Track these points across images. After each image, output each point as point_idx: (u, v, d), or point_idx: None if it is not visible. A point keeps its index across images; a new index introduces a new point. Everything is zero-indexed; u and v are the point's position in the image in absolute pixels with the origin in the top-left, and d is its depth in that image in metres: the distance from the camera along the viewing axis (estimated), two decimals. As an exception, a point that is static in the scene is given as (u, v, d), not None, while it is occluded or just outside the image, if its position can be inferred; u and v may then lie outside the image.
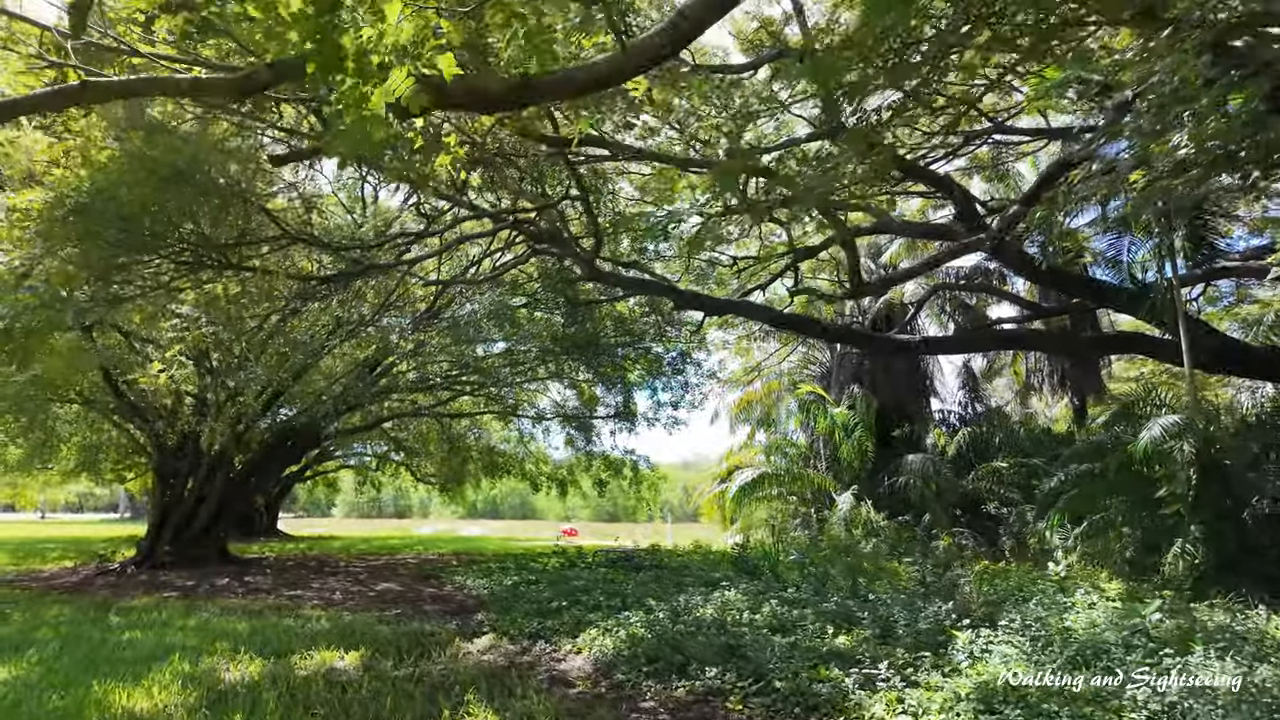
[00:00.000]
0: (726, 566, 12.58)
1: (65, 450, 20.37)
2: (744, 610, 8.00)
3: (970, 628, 6.47)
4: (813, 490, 20.28)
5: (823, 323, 14.43)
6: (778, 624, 7.23)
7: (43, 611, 8.89)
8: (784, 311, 14.55)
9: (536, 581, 11.65)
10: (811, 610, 7.90)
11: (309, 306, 10.57)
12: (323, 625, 8.06)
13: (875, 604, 7.91)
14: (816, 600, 8.59)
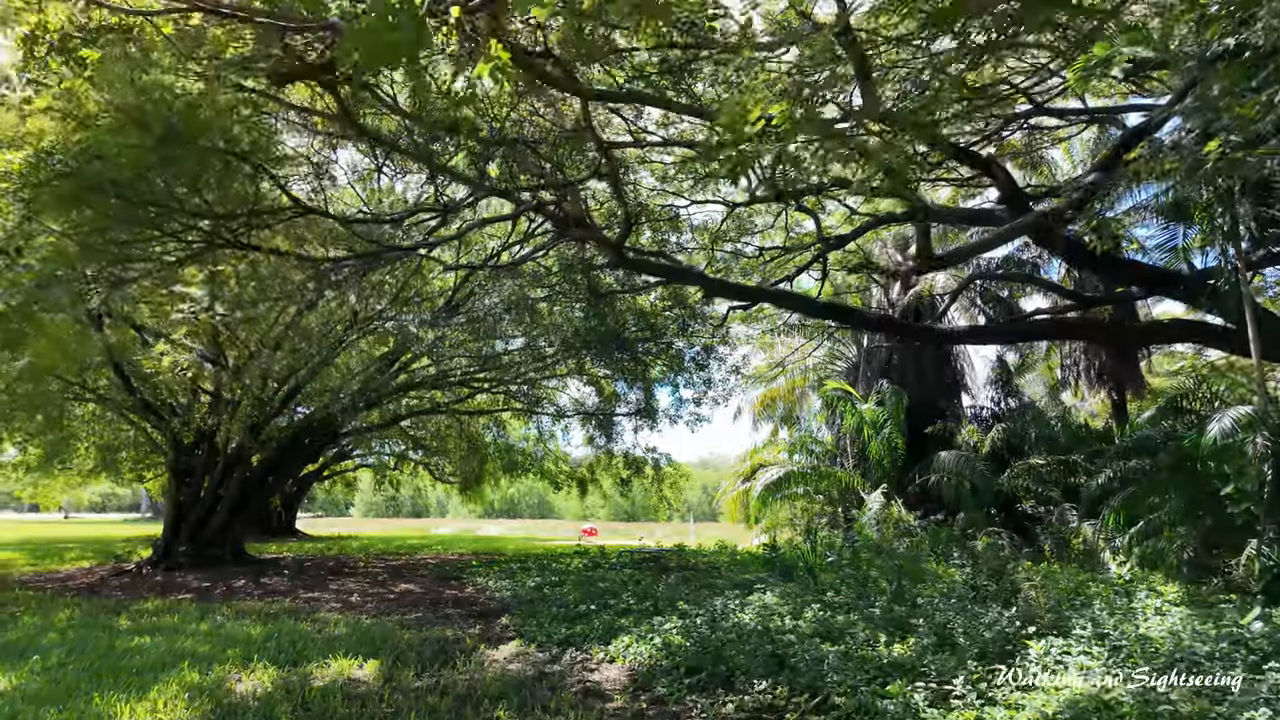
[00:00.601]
0: (758, 568, 12.08)
1: (83, 450, 20.23)
2: (785, 616, 7.52)
3: (1038, 636, 5.94)
4: (840, 489, 19.71)
5: (862, 312, 13.80)
6: (824, 631, 6.73)
7: (53, 614, 8.57)
8: (821, 300, 13.96)
9: (560, 583, 11.23)
10: (858, 616, 7.40)
11: (325, 298, 10.20)
12: (340, 630, 7.67)
13: (926, 609, 7.40)
14: (861, 605, 8.08)
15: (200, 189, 4.60)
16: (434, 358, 14.79)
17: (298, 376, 14.12)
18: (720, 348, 18.73)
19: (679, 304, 16.70)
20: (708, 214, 22.55)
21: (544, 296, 13.96)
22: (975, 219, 12.23)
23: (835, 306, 12.10)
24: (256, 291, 7.11)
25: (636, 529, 45.13)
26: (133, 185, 4.25)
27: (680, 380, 19.12)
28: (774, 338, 21.19)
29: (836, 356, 22.69)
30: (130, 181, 4.19)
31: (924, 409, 19.37)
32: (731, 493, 22.09)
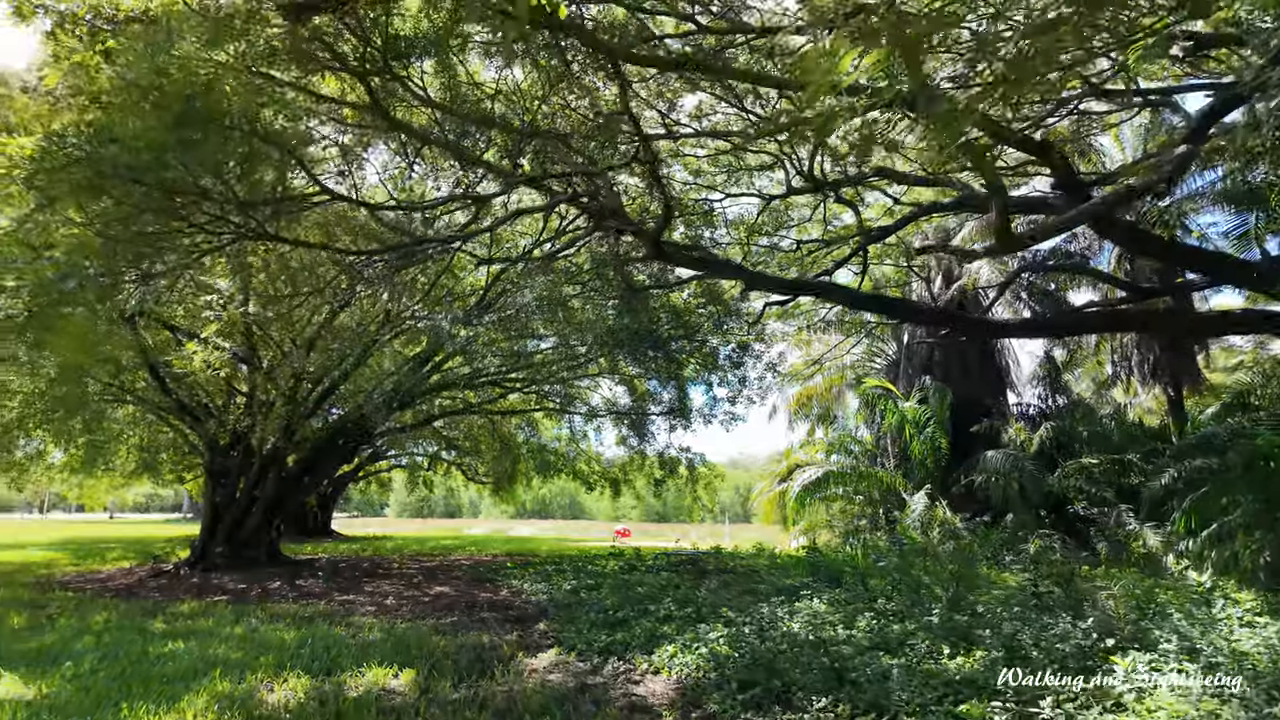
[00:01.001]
0: (800, 572, 11.66)
1: (123, 452, 20.52)
2: (838, 625, 7.12)
3: (1119, 650, 5.48)
4: (880, 490, 19.15)
5: (911, 303, 13.25)
6: (881, 642, 6.33)
7: (90, 616, 8.51)
8: (867, 292, 13.46)
9: (597, 586, 10.94)
10: (915, 625, 6.98)
11: (357, 296, 10.05)
12: (375, 635, 7.46)
13: (987, 618, 6.95)
14: (916, 613, 7.65)
15: (223, 175, 4.38)
16: (467, 356, 14.62)
17: (331, 377, 14.05)
18: (756, 345, 18.32)
19: (714, 300, 16.32)
20: (742, 208, 22.16)
21: (577, 293, 13.68)
22: (1028, 206, 11.66)
23: (882, 298, 11.61)
24: (287, 286, 6.92)
25: (669, 530, 44.79)
26: (151, 171, 4.04)
27: (714, 379, 18.72)
28: (810, 334, 20.68)
29: (875, 354, 22.12)
30: (148, 167, 3.98)
31: (967, 407, 18.75)
32: (768, 494, 21.64)
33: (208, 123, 3.88)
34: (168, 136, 3.73)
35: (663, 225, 7.21)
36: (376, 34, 7.71)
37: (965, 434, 18.62)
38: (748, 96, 12.96)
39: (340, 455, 16.48)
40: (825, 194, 14.09)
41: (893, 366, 21.25)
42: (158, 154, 3.84)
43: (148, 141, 3.74)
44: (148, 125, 3.67)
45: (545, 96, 10.21)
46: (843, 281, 19.82)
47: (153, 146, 3.78)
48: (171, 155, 3.89)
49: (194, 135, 3.84)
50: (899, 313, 12.38)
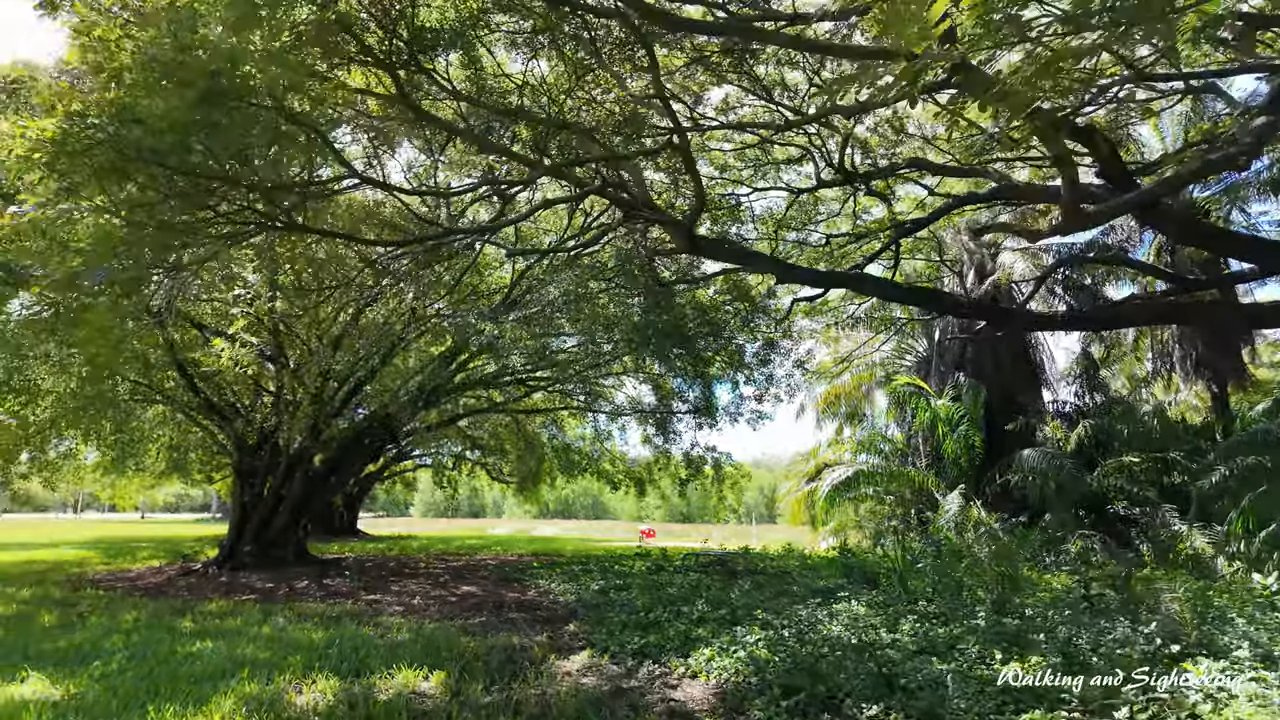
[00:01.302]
0: (834, 574, 11.38)
1: (153, 451, 20.72)
2: (880, 628, 6.85)
3: (1186, 656, 5.17)
4: (912, 490, 18.76)
5: (951, 296, 12.84)
6: (929, 646, 6.06)
7: (120, 615, 8.48)
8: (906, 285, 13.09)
9: (626, 587, 10.73)
10: (960, 628, 6.69)
11: (383, 292, 9.96)
12: (403, 636, 7.33)
13: (1039, 623, 6.64)
14: (960, 616, 7.36)
15: (248, 158, 4.24)
16: (492, 354, 14.50)
17: (357, 375, 14.02)
18: (783, 342, 18.03)
19: (740, 297, 16.08)
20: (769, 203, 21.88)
21: (602, 289, 13.50)
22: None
23: (921, 291, 11.23)
24: (313, 280, 6.79)
25: (693, 530, 44.49)
26: (175, 154, 3.90)
27: (740, 377, 18.45)
28: (839, 331, 20.34)
29: (905, 351, 21.70)
30: (171, 149, 3.84)
31: (1001, 405, 18.29)
32: (795, 494, 21.30)
33: (233, 102, 3.73)
34: (191, 116, 3.58)
35: (696, 214, 6.98)
36: (403, 25, 7.61)
37: (999, 432, 18.16)
38: (776, 88, 12.73)
39: (366, 455, 16.46)
40: (856, 186, 13.78)
41: (923, 364, 20.82)
42: (181, 136, 3.69)
43: (171, 122, 3.59)
44: (170, 105, 3.52)
45: (571, 89, 10.06)
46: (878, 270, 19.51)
47: (176, 127, 3.63)
48: (195, 137, 3.75)
49: (218, 116, 3.69)
50: (938, 305, 11.97)
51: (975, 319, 12.17)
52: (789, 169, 15.97)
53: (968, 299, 10.20)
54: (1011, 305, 19.31)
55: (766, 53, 11.85)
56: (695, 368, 16.80)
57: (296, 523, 14.55)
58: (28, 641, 6.91)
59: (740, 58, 11.39)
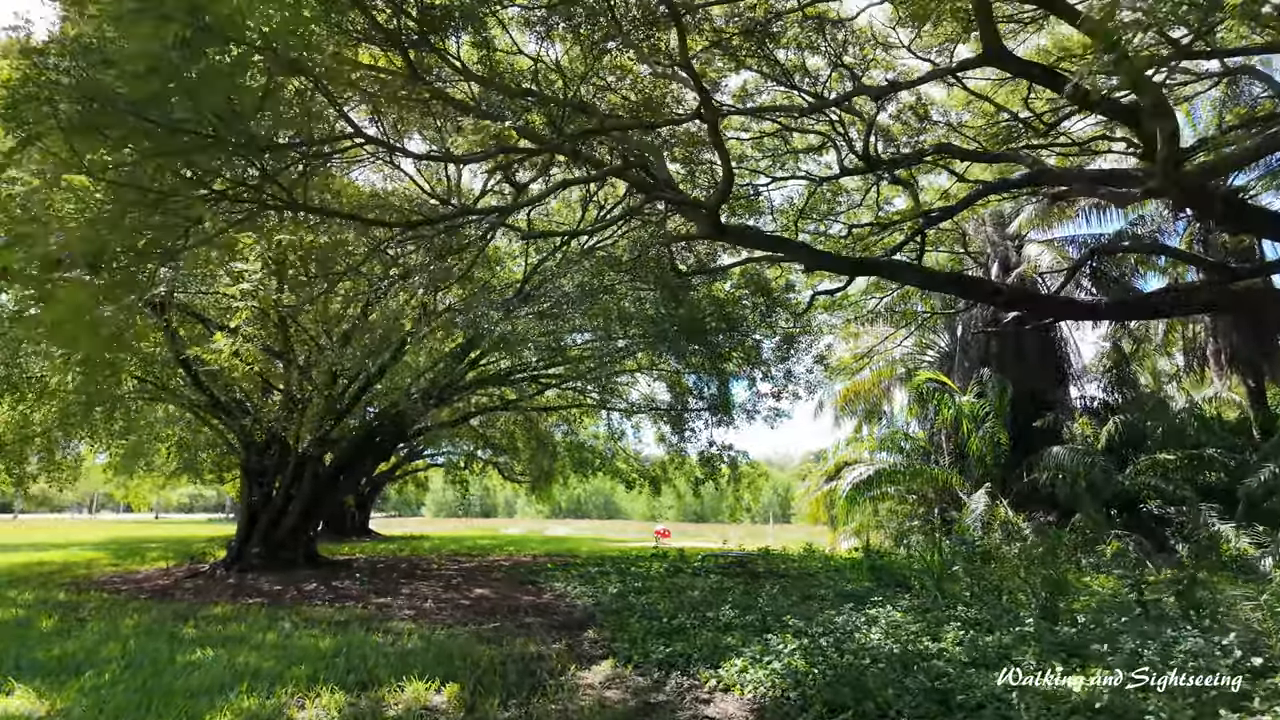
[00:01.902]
0: (862, 576, 10.92)
1: (163, 451, 20.49)
2: (922, 635, 6.41)
3: (1272, 670, 4.70)
4: (935, 489, 18.25)
5: (991, 283, 12.29)
6: (979, 657, 5.60)
7: (121, 619, 8.15)
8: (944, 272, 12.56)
9: (645, 590, 10.31)
10: (1009, 636, 6.23)
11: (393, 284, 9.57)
12: (414, 643, 6.94)
13: (1095, 631, 6.17)
14: (1006, 622, 6.90)
15: (236, 110, 3.84)
16: (505, 349, 14.12)
17: (367, 373, 13.67)
18: (802, 338, 17.56)
19: (759, 290, 15.62)
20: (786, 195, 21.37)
21: (620, 279, 13.07)
22: (1108, 180, 10.71)
23: (958, 278, 10.68)
24: (318, 267, 6.39)
25: (708, 530, 44.03)
26: (154, 105, 3.50)
27: (758, 374, 17.96)
28: (859, 327, 19.85)
29: (926, 346, 21.18)
30: (152, 99, 3.43)
31: (1027, 401, 17.76)
32: (814, 493, 20.81)
33: (218, 40, 3.28)
34: (169, 58, 3.16)
35: (724, 194, 6.55)
36: (411, 3, 7.23)
37: (1025, 429, 17.63)
38: (796, 73, 12.29)
39: (377, 454, 16.13)
40: (880, 175, 13.32)
41: (946, 359, 20.30)
42: (161, 81, 3.28)
43: (147, 65, 3.17)
44: (144, 43, 3.10)
45: (587, 74, 9.65)
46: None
47: (150, 66, 3.20)
48: (176, 85, 3.34)
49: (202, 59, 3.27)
50: (973, 293, 11.39)
51: (1012, 307, 11.64)
52: (808, 159, 15.51)
53: (1005, 286, 9.65)
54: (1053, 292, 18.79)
55: (787, 36, 11.43)
56: (712, 364, 16.37)
57: (306, 524, 14.22)
58: (21, 649, 6.57)
59: (760, 40, 10.98)
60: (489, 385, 16.65)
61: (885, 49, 13.00)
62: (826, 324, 18.36)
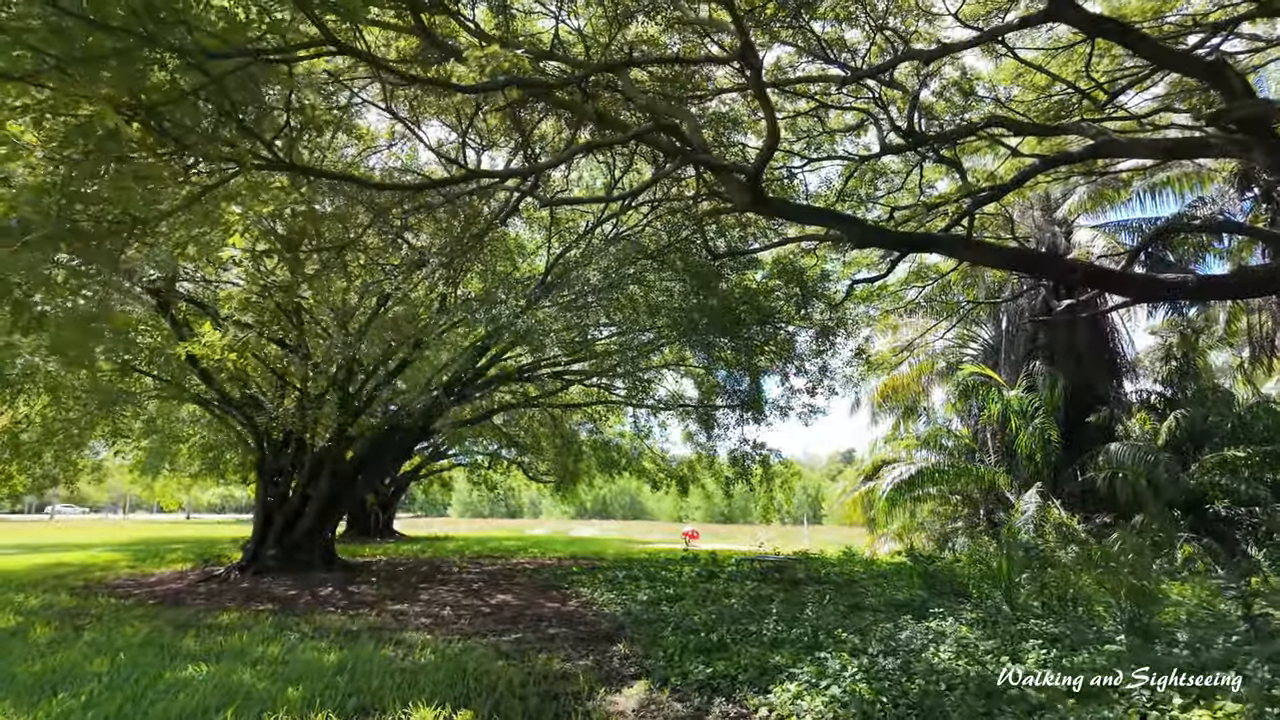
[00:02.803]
0: (912, 583, 10.09)
1: (184, 451, 20.23)
2: (998, 654, 5.61)
3: None
4: (981, 488, 17.28)
5: (1066, 261, 11.25)
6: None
7: (120, 629, 7.65)
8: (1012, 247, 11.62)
9: (677, 597, 9.61)
10: (1102, 657, 5.41)
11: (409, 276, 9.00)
12: (427, 658, 6.31)
13: (1203, 651, 5.34)
14: (1090, 639, 6.07)
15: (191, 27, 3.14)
16: (527, 344, 13.50)
17: (386, 368, 13.15)
18: (839, 330, 16.69)
19: (793, 280, 14.82)
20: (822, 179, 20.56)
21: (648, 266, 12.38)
22: (1178, 150, 9.71)
23: (1029, 254, 9.67)
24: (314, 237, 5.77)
25: (737, 531, 43.17)
26: (113, 34, 2.79)
27: (791, 368, 17.12)
28: (899, 318, 18.91)
29: (969, 338, 20.17)
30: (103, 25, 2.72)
31: (1078, 395, 16.72)
32: (851, 493, 19.92)
33: None
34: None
35: (767, 154, 5.80)
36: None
37: (1077, 425, 16.61)
38: (834, 46, 11.54)
39: (396, 452, 15.59)
40: (924, 153, 12.48)
41: (990, 353, 19.29)
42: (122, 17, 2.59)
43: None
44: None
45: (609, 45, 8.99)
46: (934, 258, 18.02)
47: None
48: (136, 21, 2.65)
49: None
50: (1048, 270, 10.28)
51: (1091, 285, 10.67)
52: (845, 139, 14.70)
53: (1079, 263, 8.70)
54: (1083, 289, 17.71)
55: (824, 6, 10.69)
56: (746, 358, 15.60)
57: (323, 524, 13.73)
58: (4, 662, 6.05)
59: (795, 11, 10.23)
60: (511, 381, 16.05)
61: (929, 19, 12.18)
62: (864, 315, 17.45)
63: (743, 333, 14.41)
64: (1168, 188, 17.22)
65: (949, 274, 17.44)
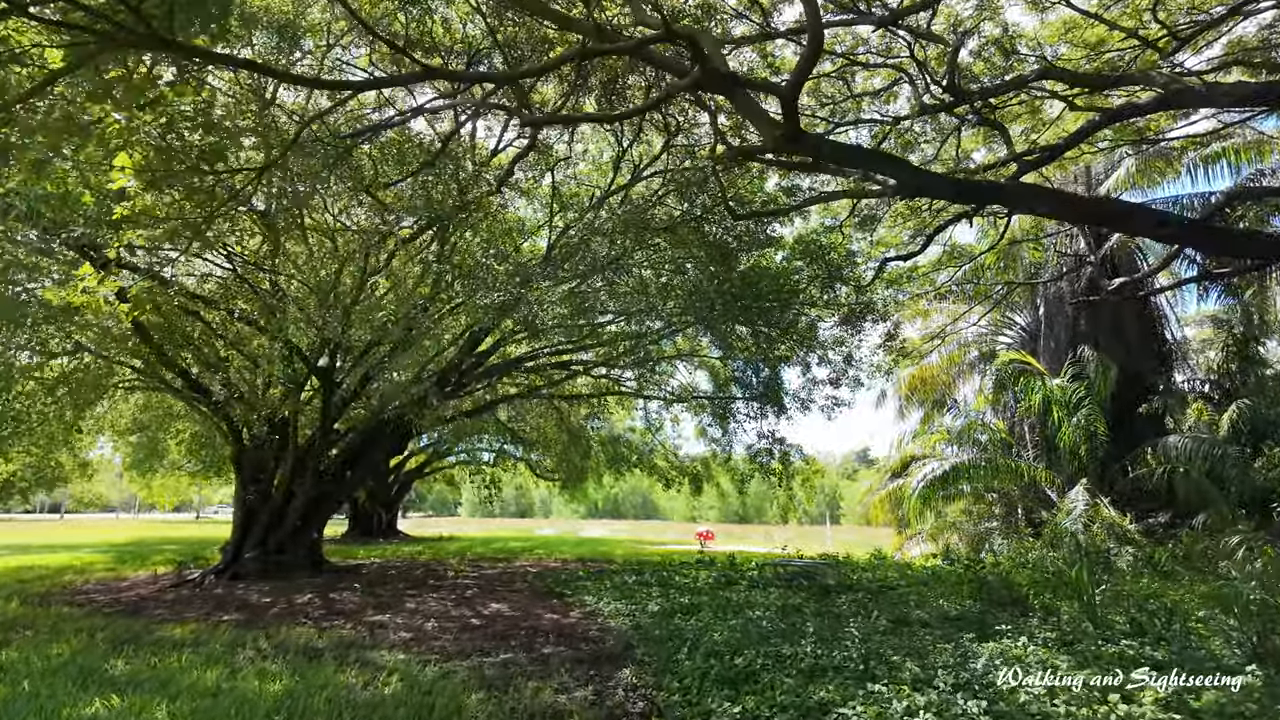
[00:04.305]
0: (961, 592, 8.88)
1: (174, 447, 19.30)
2: (1104, 691, 4.42)
3: None
4: (1020, 485, 16.00)
5: (1157, 212, 9.73)
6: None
7: (49, 646, 6.60)
8: (1088, 196, 10.26)
9: (694, 608, 8.45)
10: (1246, 697, 4.22)
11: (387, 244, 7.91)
12: (392, 687, 5.21)
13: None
14: (1210, 667, 4.87)
15: None
16: (528, 331, 12.39)
17: (376, 354, 12.08)
18: (866, 315, 15.45)
19: (818, 258, 13.62)
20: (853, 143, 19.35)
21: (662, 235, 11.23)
22: (1268, 94, 8.39)
23: (1115, 205, 8.12)
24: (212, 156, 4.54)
25: (751, 531, 41.88)
26: None
27: (813, 358, 15.90)
28: (929, 304, 17.67)
29: (1004, 325, 18.87)
30: None
31: (1127, 384, 15.40)
32: (878, 492, 18.67)
33: None
34: None
35: (806, 69, 4.62)
36: None
37: (1126, 417, 15.30)
38: None
39: (388, 445, 14.46)
40: (965, 114, 11.27)
41: (1027, 340, 17.99)
42: None
43: None
44: None
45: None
46: (967, 239, 16.79)
47: None
48: None
49: None
50: (1131, 225, 8.58)
51: (1189, 244, 9.36)
52: (873, 106, 13.52)
53: (1174, 216, 7.27)
54: (1130, 270, 16.39)
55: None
56: (766, 346, 14.40)
57: (309, 524, 12.68)
58: (-120, 693, 5.01)
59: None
60: (513, 371, 14.94)
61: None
62: (892, 300, 16.23)
63: (761, 318, 13.21)
64: (1222, 160, 15.81)
65: (983, 255, 16.19)
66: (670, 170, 12.38)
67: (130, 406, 16.77)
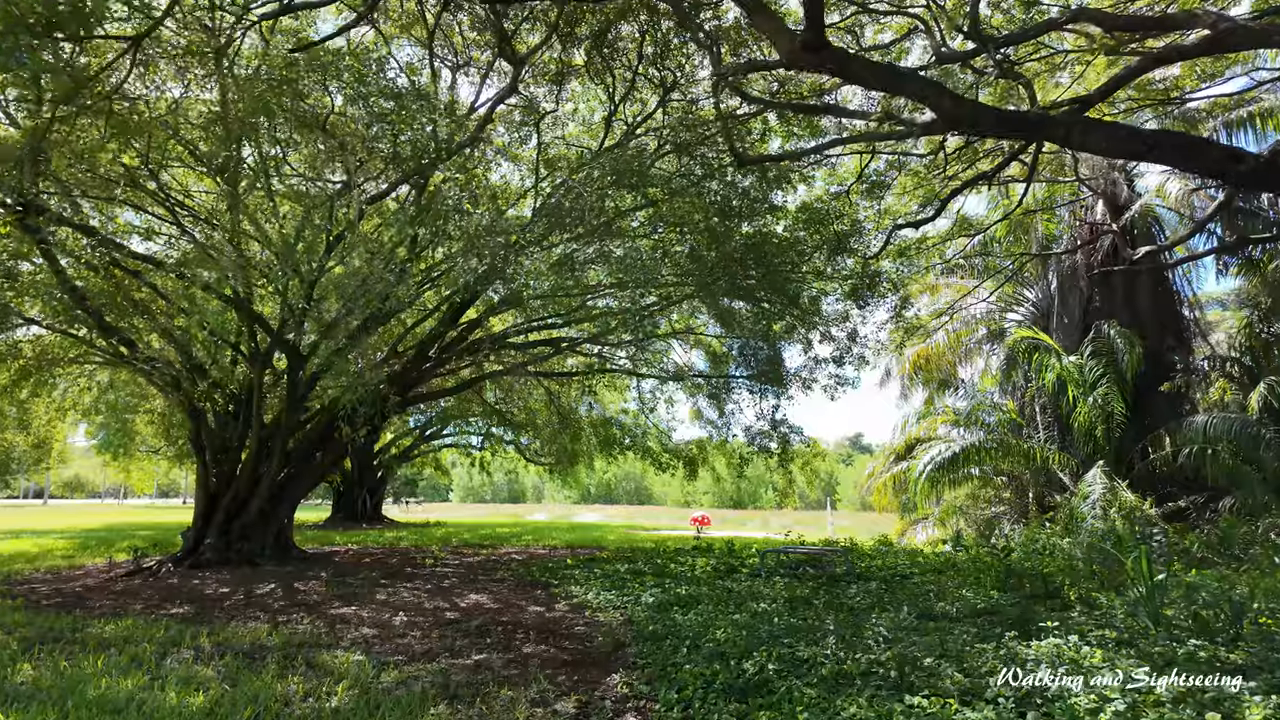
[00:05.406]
0: (987, 582, 8.09)
1: (142, 426, 18.39)
2: (1198, 709, 3.62)
3: None
4: (1032, 468, 15.25)
5: (1230, 148, 8.46)
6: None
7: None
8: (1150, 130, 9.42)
9: (692, 600, 7.64)
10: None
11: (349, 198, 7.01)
12: (338, 700, 4.37)
13: None
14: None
15: None
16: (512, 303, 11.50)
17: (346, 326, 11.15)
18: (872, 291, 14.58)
19: (825, 224, 12.72)
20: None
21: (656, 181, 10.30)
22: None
23: (1177, 138, 6.98)
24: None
25: (747, 517, 41.27)
26: None
27: (815, 335, 15.03)
28: (937, 279, 16.84)
29: (1014, 301, 18.05)
30: None
31: (1145, 362, 14.62)
32: (881, 475, 17.91)
33: None
34: None
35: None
36: None
37: (1144, 396, 14.54)
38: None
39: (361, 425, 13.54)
40: (986, 65, 10.37)
41: (1039, 317, 17.20)
42: None
43: None
44: None
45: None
46: (981, 208, 15.96)
47: None
48: None
49: None
50: (1203, 161, 6.82)
51: (1265, 188, 8.47)
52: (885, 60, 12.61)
53: (1247, 153, 6.40)
54: (1157, 241, 15.59)
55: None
56: (767, 320, 13.54)
57: (278, 509, 11.80)
58: None
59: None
60: (498, 347, 14.02)
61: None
62: (900, 273, 15.37)
63: (763, 286, 12.32)
64: (1248, 125, 15.01)
65: (996, 224, 15.35)
66: (666, 127, 11.46)
67: (93, 384, 15.80)
